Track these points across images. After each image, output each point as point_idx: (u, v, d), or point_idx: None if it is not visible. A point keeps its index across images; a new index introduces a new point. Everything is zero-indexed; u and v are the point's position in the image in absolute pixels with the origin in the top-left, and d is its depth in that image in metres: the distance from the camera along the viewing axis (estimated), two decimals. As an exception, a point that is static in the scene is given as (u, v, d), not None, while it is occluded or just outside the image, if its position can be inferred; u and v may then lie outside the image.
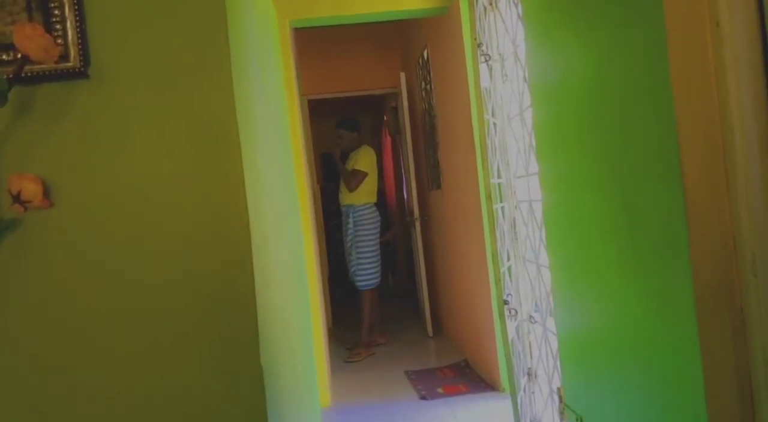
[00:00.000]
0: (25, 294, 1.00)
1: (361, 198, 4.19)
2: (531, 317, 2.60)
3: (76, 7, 0.93)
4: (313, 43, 5.01)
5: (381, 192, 5.77)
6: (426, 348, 4.35)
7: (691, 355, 1.21)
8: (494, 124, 2.60)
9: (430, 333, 4.61)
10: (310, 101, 5.11)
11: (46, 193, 1.00)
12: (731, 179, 1.16)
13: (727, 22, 1.12)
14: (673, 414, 1.33)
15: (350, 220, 4.21)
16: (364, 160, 4.19)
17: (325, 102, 5.48)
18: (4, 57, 0.94)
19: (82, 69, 0.97)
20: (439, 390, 3.30)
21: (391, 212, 6.36)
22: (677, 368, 1.29)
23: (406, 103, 4.69)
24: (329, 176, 6.37)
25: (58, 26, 0.94)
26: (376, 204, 4.28)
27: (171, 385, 1.02)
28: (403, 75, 4.68)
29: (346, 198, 4.23)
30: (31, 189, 0.97)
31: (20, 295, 1.00)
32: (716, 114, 1.17)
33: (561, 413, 2.11)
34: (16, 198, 0.97)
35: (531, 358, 2.61)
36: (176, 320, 1.02)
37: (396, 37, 5.45)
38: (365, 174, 4.16)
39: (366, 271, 4.18)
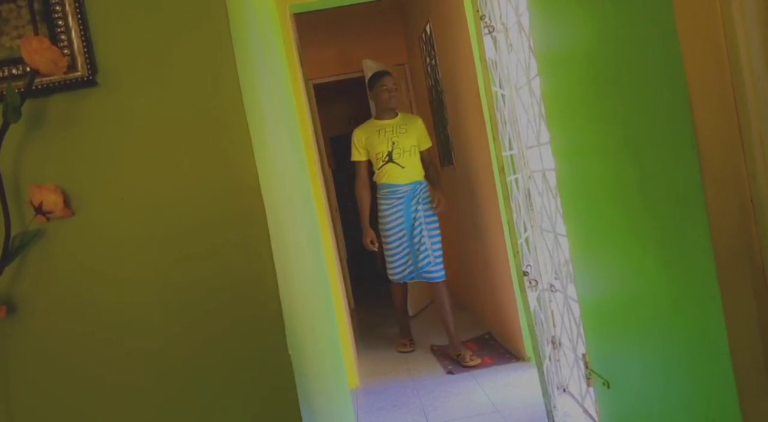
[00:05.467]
0: (55, 303, 1.03)
1: (423, 172, 3.46)
2: (551, 286, 2.61)
3: (79, 16, 0.94)
4: (314, 27, 4.97)
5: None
6: (449, 323, 4.38)
7: (714, 316, 1.21)
8: (502, 95, 2.58)
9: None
10: (315, 85, 5.09)
11: (67, 202, 1.02)
12: (746, 137, 1.14)
13: (733, -23, 1.10)
14: (699, 374, 1.34)
15: (418, 201, 3.37)
16: (426, 132, 3.56)
17: (330, 85, 5.46)
18: (14, 71, 0.95)
19: (90, 77, 0.98)
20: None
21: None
22: (700, 329, 1.30)
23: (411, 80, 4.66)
24: (340, 160, 6.37)
25: (63, 37, 0.95)
26: None
27: (197, 380, 1.04)
28: (406, 52, 4.64)
29: (408, 174, 3.38)
30: (51, 199, 0.99)
31: (50, 304, 1.03)
32: (727, 71, 1.15)
33: (587, 379, 2.13)
34: (38, 209, 0.99)
35: (554, 327, 2.63)
36: (199, 316, 1.04)
37: (396, 13, 5.39)
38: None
39: (441, 258, 3.40)
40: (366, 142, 3.45)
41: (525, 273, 2.39)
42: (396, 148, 3.36)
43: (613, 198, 1.62)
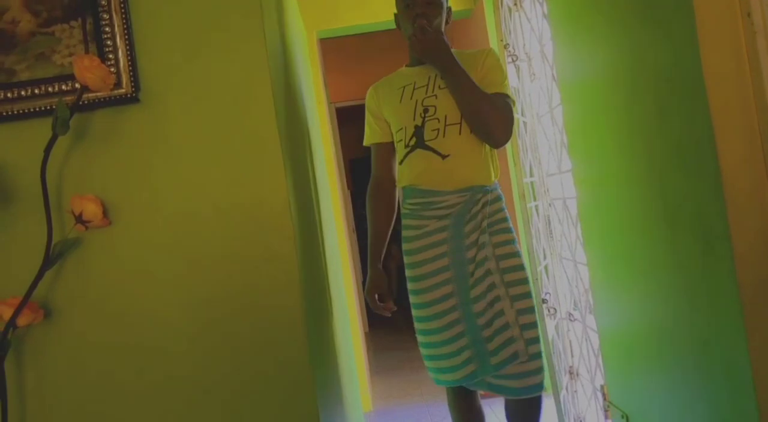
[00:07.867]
0: (88, 308, 1.06)
1: (495, 170, 1.74)
2: (570, 315, 2.59)
3: (127, 37, 0.99)
4: (338, 51, 5.07)
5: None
6: (463, 349, 4.34)
7: (739, 350, 1.20)
8: (524, 123, 2.61)
9: (467, 334, 4.58)
10: (337, 109, 5.17)
11: (105, 212, 1.05)
12: (771, 169, 1.15)
13: (758, 12, 1.12)
14: (722, 410, 1.32)
15: (478, 224, 1.63)
16: (498, 70, 1.72)
17: (351, 109, 5.54)
18: (64, 87, 1.00)
19: (134, 94, 1.02)
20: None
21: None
22: (724, 362, 1.28)
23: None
24: (357, 181, 6.41)
25: (110, 56, 0.99)
26: None
27: (222, 391, 1.06)
28: (428, 78, 4.68)
29: (457, 172, 1.64)
30: (91, 209, 1.02)
31: (84, 310, 1.06)
32: (752, 103, 1.16)
33: (605, 411, 2.10)
34: (78, 218, 1.02)
35: (572, 356, 2.60)
36: (226, 328, 1.06)
37: (420, 40, 5.47)
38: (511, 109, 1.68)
39: (539, 345, 1.69)
40: (382, 106, 1.76)
41: (544, 301, 2.38)
42: (430, 118, 1.63)
43: (636, 229, 1.62)
